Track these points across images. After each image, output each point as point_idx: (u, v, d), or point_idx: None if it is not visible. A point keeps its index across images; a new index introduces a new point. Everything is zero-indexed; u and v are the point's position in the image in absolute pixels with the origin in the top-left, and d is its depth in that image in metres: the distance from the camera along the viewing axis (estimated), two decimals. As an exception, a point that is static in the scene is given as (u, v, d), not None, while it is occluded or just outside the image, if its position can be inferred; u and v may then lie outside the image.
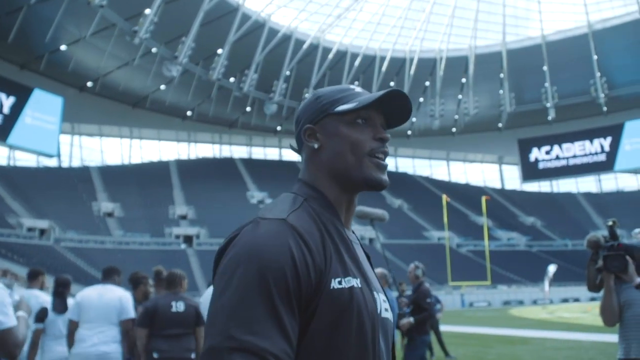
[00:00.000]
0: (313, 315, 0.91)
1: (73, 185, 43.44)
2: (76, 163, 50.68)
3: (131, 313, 4.29)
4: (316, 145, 1.11)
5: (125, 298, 4.34)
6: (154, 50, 39.30)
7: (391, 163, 64.21)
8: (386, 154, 1.11)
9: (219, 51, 41.60)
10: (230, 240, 0.97)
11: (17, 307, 2.24)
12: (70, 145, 50.93)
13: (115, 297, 4.29)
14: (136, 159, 54.26)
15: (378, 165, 1.08)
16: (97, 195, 44.11)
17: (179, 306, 4.14)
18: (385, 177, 1.10)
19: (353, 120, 1.09)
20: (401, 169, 64.31)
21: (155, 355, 3.93)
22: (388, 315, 1.05)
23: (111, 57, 40.72)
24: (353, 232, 1.16)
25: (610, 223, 3.17)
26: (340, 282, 0.93)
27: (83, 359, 4.04)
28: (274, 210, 0.99)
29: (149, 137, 55.42)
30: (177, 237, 40.83)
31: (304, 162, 1.15)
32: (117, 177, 46.87)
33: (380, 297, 1.04)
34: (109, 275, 4.50)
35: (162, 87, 46.32)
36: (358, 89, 1.14)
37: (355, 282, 0.96)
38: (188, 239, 40.66)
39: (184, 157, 56.92)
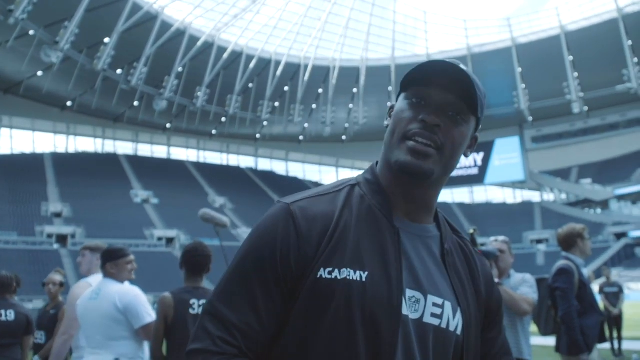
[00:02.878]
0: (296, 301, 0.93)
1: None
2: None
3: None
4: (385, 123, 1.10)
5: None
6: (31, 32, 36.29)
7: (282, 167, 64.72)
8: (426, 136, 0.98)
9: (106, 40, 39.41)
10: None
11: None
12: None
13: None
14: (5, 150, 49.62)
15: (410, 149, 0.98)
16: (-44, 187, 39.76)
17: (9, 315, 3.84)
18: (417, 162, 0.98)
19: (409, 98, 1.03)
20: (292, 174, 64.98)
21: None
22: (435, 321, 0.97)
23: (-20, 36, 37.02)
24: (438, 226, 1.09)
25: (471, 231, 3.48)
26: (330, 272, 0.92)
27: None
28: (296, 194, 1.04)
29: (22, 127, 50.91)
30: (50, 236, 37.87)
31: None
32: (-19, 168, 42.57)
33: (429, 300, 0.97)
34: None
35: (40, 73, 42.87)
36: (434, 63, 1.02)
37: (359, 275, 0.92)
38: (62, 239, 37.87)
39: (61, 150, 52.99)
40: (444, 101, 0.99)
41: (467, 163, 61.84)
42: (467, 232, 3.51)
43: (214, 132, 58.10)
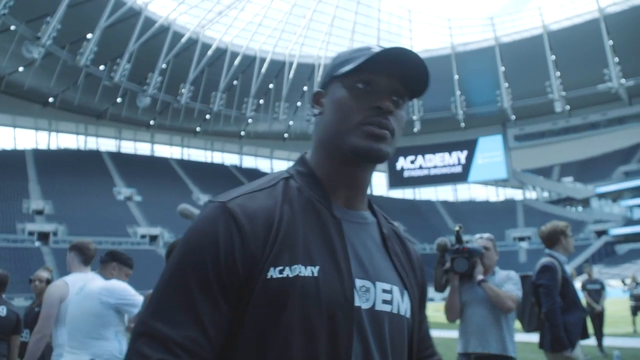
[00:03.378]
0: (247, 305, 0.86)
1: None
2: None
3: None
4: (317, 112, 1.04)
5: None
6: (12, 28, 35.71)
7: (267, 165, 64.54)
8: (383, 124, 0.96)
9: (89, 36, 38.92)
10: None
11: None
12: None
13: None
14: (-15, 146, 48.82)
15: (369, 133, 0.95)
16: None
17: (1, 310, 3.89)
18: (379, 146, 0.95)
19: (353, 84, 0.97)
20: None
21: None
22: (387, 308, 0.96)
23: (-41, 30, 36.31)
24: (372, 212, 1.07)
25: (457, 228, 3.51)
26: (281, 271, 0.86)
27: None
28: (229, 192, 0.96)
29: (3, 123, 50.02)
30: (31, 233, 37.33)
31: None
32: (-40, 165, 41.78)
33: (378, 287, 0.95)
34: None
35: (21, 69, 42.16)
36: (377, 48, 0.97)
37: (310, 270, 0.88)
38: (44, 236, 37.36)
39: (42, 146, 52.21)
40: (391, 87, 0.97)
41: (451, 161, 62.26)
42: (453, 230, 3.53)
43: (198, 129, 57.70)
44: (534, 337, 3.91)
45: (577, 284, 8.97)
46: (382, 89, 0.96)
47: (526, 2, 64.47)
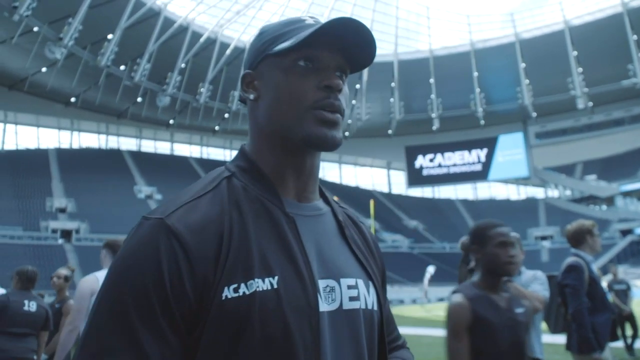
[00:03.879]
0: (202, 331, 0.75)
1: None
2: (-64, 147, 45.46)
3: None
4: (252, 96, 0.92)
5: None
6: (35, 29, 36.31)
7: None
8: (335, 107, 0.87)
9: (109, 36, 39.40)
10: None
11: None
12: None
13: None
14: (10, 146, 49.73)
15: (322, 119, 0.86)
16: (-39, 183, 39.87)
17: (31, 305, 4.00)
18: (333, 132, 0.86)
19: (294, 62, 0.86)
20: (294, 170, 64.86)
21: None
22: (355, 305, 0.88)
23: (-16, 32, 37.04)
24: (324, 199, 0.99)
25: (482, 227, 3.44)
26: (236, 289, 0.76)
27: None
28: (166, 204, 0.83)
29: (26, 123, 51.00)
30: (54, 231, 37.99)
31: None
32: (-15, 164, 42.65)
33: (343, 284, 0.87)
34: None
35: (44, 69, 42.89)
36: (310, 20, 0.90)
37: (268, 283, 0.78)
38: (66, 234, 38.01)
39: (65, 146, 53.08)
40: (334, 62, 0.88)
41: (470, 159, 61.72)
42: None
43: (217, 128, 58.08)
44: (561, 339, 3.83)
45: (604, 285, 8.76)
46: (326, 65, 0.87)
47: (547, -2, 63.53)
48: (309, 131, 0.85)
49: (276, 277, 0.78)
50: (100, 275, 3.60)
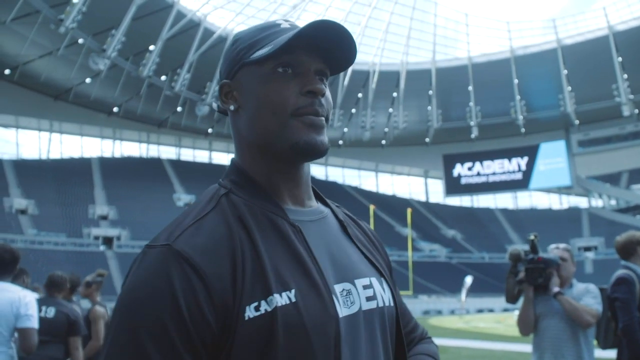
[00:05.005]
0: (230, 354, 0.72)
1: (-17, 179, 40.57)
2: (-13, 155, 47.43)
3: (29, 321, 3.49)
4: (232, 107, 0.89)
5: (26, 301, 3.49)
6: (80, 41, 37.59)
7: (321, 172, 64.78)
8: (319, 112, 0.86)
9: (151, 47, 40.41)
10: (128, 273, 0.78)
11: None
12: (-18, 136, 47.63)
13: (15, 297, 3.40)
14: (55, 154, 51.51)
15: (309, 124, 0.84)
16: (10, 190, 41.39)
17: (48, 311, 3.87)
18: (320, 137, 0.85)
19: (273, 69, 0.84)
20: (331, 178, 65.01)
21: None
22: (372, 304, 0.86)
23: (33, 45, 38.49)
24: (322, 201, 0.97)
25: (532, 237, 3.34)
26: (257, 308, 0.73)
27: None
28: (168, 230, 0.79)
29: (71, 132, 52.78)
30: (96, 238, 39.06)
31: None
32: (33, 172, 44.21)
33: (359, 285, 0.85)
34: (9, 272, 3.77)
35: (88, 80, 44.33)
36: (286, 24, 0.89)
37: (286, 297, 0.75)
38: (108, 241, 39.01)
39: (107, 154, 54.65)
40: (314, 66, 0.86)
41: (511, 168, 60.51)
42: (528, 239, 3.36)
43: (254, 136, 58.66)
44: (612, 354, 3.66)
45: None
46: (306, 70, 0.85)
47: (590, 3, 62.03)
48: (297, 138, 0.83)
49: (293, 291, 0.76)
50: None
